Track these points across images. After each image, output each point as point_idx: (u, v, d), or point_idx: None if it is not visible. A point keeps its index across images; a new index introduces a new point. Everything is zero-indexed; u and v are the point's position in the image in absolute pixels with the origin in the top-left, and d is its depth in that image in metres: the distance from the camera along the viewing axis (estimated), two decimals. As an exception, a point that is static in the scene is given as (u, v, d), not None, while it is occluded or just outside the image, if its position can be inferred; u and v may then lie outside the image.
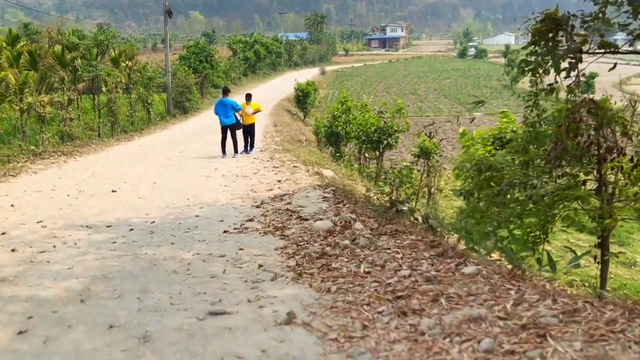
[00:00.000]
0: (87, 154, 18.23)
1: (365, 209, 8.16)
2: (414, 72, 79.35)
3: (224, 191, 11.09)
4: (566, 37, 7.65)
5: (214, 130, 24.45)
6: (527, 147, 7.78)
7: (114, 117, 24.16)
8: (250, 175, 12.86)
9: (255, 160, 15.48)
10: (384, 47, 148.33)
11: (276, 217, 8.29)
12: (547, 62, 7.70)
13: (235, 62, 55.71)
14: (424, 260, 5.25)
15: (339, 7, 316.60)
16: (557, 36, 7.65)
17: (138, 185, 12.07)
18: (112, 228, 8.08)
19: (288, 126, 26.88)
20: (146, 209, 9.40)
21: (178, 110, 32.34)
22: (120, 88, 25.77)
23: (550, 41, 7.73)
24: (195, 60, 41.58)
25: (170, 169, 14.52)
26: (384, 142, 15.15)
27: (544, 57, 7.71)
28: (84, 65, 23.46)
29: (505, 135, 11.71)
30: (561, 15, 7.64)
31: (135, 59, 29.33)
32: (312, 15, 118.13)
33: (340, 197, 8.98)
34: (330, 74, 74.61)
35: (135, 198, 10.53)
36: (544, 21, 7.76)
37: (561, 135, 7.47)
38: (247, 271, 5.73)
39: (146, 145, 20.57)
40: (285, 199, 9.53)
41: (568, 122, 7.50)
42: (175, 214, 8.96)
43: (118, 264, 6.14)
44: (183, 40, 77.92)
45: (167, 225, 8.20)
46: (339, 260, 5.69)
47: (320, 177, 11.29)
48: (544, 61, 7.72)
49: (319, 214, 8.00)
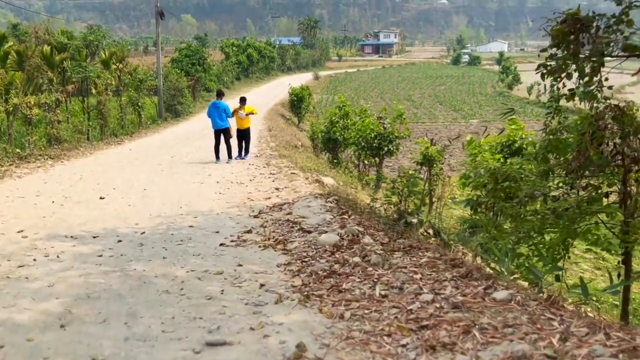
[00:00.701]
0: (75, 157, 17.60)
1: (372, 221, 7.61)
2: (408, 78, 79.04)
3: (218, 199, 10.50)
4: (589, 39, 7.12)
5: (207, 134, 23.85)
6: (547, 156, 7.26)
7: (104, 120, 23.52)
8: (246, 182, 12.29)
9: (251, 166, 14.90)
10: (377, 53, 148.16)
11: (276, 228, 7.72)
12: (569, 65, 7.17)
13: (228, 66, 55.13)
14: (447, 283, 4.70)
15: (332, 12, 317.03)
16: (580, 38, 7.12)
17: (128, 191, 11.47)
18: (99, 239, 7.48)
19: (283, 131, 26.32)
20: (136, 218, 8.81)
21: (170, 113, 31.72)
22: (110, 90, 25.13)
23: (572, 43, 7.19)
24: (187, 63, 40.93)
25: (161, 174, 13.92)
26: (384, 148, 14.62)
27: (566, 61, 7.18)
28: (73, 67, 22.81)
29: (515, 142, 11.23)
30: (585, 16, 7.10)
31: (126, 61, 28.69)
32: (305, 19, 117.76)
33: (345, 208, 8.43)
34: (323, 79, 74.17)
35: (124, 206, 9.93)
36: (565, 22, 7.22)
37: (585, 144, 6.93)
38: (248, 291, 5.15)
39: (137, 149, 19.96)
40: (285, 208, 8.97)
41: (592, 129, 6.97)
42: (167, 224, 8.37)
43: (104, 282, 5.55)
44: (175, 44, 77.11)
45: (159, 236, 7.61)
46: (350, 280, 5.13)
47: (321, 185, 10.74)
48: (565, 65, 7.18)
49: (322, 225, 7.43)
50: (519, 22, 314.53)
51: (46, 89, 21.29)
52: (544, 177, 7.28)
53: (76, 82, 23.50)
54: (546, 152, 7.36)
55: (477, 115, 45.49)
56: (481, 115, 45.29)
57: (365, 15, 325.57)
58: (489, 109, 49.20)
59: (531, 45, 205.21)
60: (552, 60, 7.24)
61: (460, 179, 10.85)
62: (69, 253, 6.74)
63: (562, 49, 7.19)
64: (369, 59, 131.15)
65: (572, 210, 6.68)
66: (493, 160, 10.64)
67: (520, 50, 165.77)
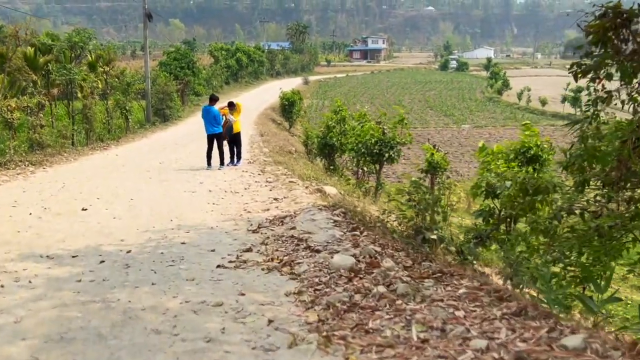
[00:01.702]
0: (58, 164, 16.65)
1: (388, 238, 6.79)
2: (397, 83, 78.52)
3: (212, 210, 9.64)
4: (632, 35, 6.34)
5: (197, 139, 23.01)
6: (583, 166, 6.49)
7: (89, 124, 22.52)
8: (240, 191, 11.43)
9: (245, 174, 14.05)
10: (366, 58, 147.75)
11: (279, 246, 6.88)
12: (608, 65, 6.38)
13: (217, 70, 54.22)
14: (499, 323, 3.88)
15: (320, 18, 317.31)
16: (622, 34, 6.33)
17: (113, 202, 10.57)
18: (79, 259, 6.60)
19: (275, 136, 25.48)
20: (121, 233, 7.92)
21: (158, 118, 30.77)
22: (96, 94, 24.17)
23: (612, 40, 6.39)
24: (176, 67, 40.04)
25: (149, 182, 13.03)
26: (385, 155, 13.85)
27: (605, 59, 6.39)
28: (57, 69, 21.84)
29: (530, 149, 10.48)
30: (628, 9, 6.31)
31: (113, 64, 27.73)
32: (294, 24, 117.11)
33: (354, 222, 7.60)
34: (313, 84, 73.46)
35: (108, 218, 9.04)
36: (604, 16, 6.42)
37: (627, 153, 6.15)
38: (254, 329, 4.31)
39: (123, 155, 19.02)
40: (286, 222, 8.12)
41: (635, 136, 6.20)
42: (156, 241, 7.49)
43: (82, 316, 4.68)
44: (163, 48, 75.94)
45: (147, 255, 6.73)
46: (376, 316, 4.30)
47: (323, 195, 9.90)
48: (604, 64, 6.39)
49: (332, 243, 6.59)
50: (504, 29, 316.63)
51: (31, 92, 20.34)
52: (579, 189, 6.53)
53: (61, 85, 22.53)
54: (582, 161, 6.58)
55: (468, 120, 44.95)
56: (472, 121, 44.76)
57: (353, 21, 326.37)
58: (480, 114, 48.69)
59: (516, 51, 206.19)
60: (588, 58, 6.46)
61: (471, 188, 10.09)
62: (43, 277, 5.86)
63: (601, 46, 6.42)
64: (358, 64, 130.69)
65: (617, 227, 5.92)
66: (506, 168, 9.89)
67: (507, 57, 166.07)
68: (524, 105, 51.94)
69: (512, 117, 46.60)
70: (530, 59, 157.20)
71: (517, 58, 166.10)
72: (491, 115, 47.30)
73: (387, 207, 8.78)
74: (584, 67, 6.54)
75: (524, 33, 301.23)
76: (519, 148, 10.55)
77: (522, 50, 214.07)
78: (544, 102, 50.33)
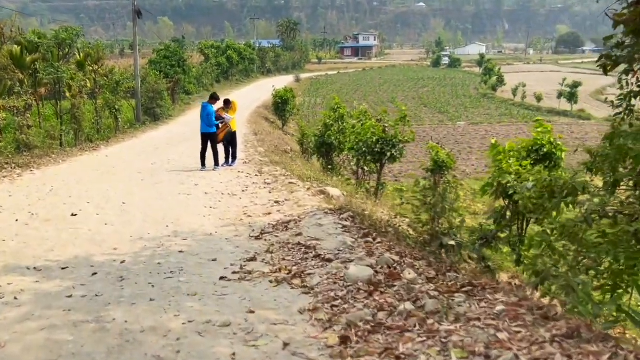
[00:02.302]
0: (46, 165, 16.05)
1: (403, 245, 6.30)
2: (389, 80, 78.04)
3: (210, 214, 9.13)
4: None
5: (189, 138, 22.45)
6: (615, 166, 6.03)
7: (78, 124, 21.88)
8: (238, 194, 10.92)
9: (241, 175, 13.53)
10: (357, 55, 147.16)
11: (286, 254, 6.38)
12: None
13: (208, 68, 53.49)
14: (551, 347, 3.40)
15: (310, 15, 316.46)
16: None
17: (104, 206, 10.03)
18: (69, 271, 6.08)
19: (269, 135, 24.94)
20: (114, 241, 7.40)
21: (148, 117, 30.11)
22: (85, 93, 23.52)
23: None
24: (166, 65, 39.34)
25: (142, 185, 12.48)
26: (387, 153, 13.34)
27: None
28: (44, 67, 21.18)
29: (543, 147, 10.01)
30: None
31: (102, 62, 27.05)
32: (284, 21, 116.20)
33: (364, 227, 7.11)
34: (304, 82, 72.86)
35: (100, 225, 8.50)
36: (638, 3, 5.94)
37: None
38: (268, 355, 3.81)
39: (114, 155, 18.42)
40: (291, 227, 7.62)
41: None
42: (151, 249, 6.98)
43: (73, 340, 4.17)
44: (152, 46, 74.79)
45: (143, 266, 6.22)
46: (407, 338, 3.81)
47: (327, 197, 9.40)
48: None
49: (343, 252, 6.10)
50: (495, 25, 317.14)
51: (17, 91, 19.70)
52: (610, 190, 6.07)
53: (49, 85, 21.88)
54: (612, 160, 6.12)
55: (463, 117, 44.54)
56: (467, 117, 44.36)
57: (344, 18, 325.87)
58: (475, 111, 48.31)
59: (508, 47, 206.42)
60: (620, 48, 6.00)
61: (482, 187, 9.63)
62: (31, 292, 5.34)
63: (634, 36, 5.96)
64: (349, 61, 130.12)
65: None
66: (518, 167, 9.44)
67: (499, 53, 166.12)
68: (519, 102, 51.59)
69: (508, 113, 46.23)
70: (522, 55, 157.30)
71: (509, 54, 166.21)
72: (486, 112, 46.91)
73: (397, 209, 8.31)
74: (615, 59, 6.08)
75: (516, 29, 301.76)
76: (531, 145, 10.08)
77: (513, 46, 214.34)
78: (539, 98, 49.99)
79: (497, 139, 10.93)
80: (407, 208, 7.10)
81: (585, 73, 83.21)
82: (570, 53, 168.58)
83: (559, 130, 37.20)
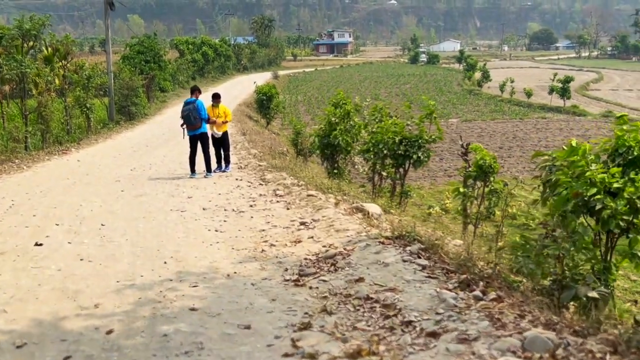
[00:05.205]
0: (8, 173, 13.72)
1: (533, 304, 4.24)
2: (369, 77, 76.07)
3: (217, 242, 7.00)
4: None
5: (170, 139, 20.19)
6: None
7: (46, 124, 19.42)
8: (246, 210, 8.79)
9: (241, 183, 11.39)
10: (332, 52, 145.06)
11: (355, 318, 4.30)
12: None
13: (184, 64, 50.91)
14: None
15: (282, 13, 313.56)
16: None
17: (78, 230, 7.82)
18: (27, 354, 3.93)
19: (259, 135, 22.72)
20: (95, 291, 5.24)
21: (123, 116, 27.66)
22: (53, 90, 21.08)
23: None
24: (140, 60, 36.84)
25: (123, 198, 10.26)
26: (412, 156, 11.32)
27: None
28: (6, 61, 18.71)
29: (631, 148, 8.07)
30: None
31: (71, 56, 24.56)
32: (259, 18, 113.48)
33: (452, 267, 5.04)
34: (283, 79, 70.58)
35: (74, 260, 6.31)
36: None
37: None
38: None
39: (87, 160, 16.06)
40: (340, 265, 5.53)
41: None
42: (149, 305, 4.84)
43: None
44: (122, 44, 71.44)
45: (140, 340, 4.10)
46: None
47: (366, 216, 7.31)
48: None
49: (447, 316, 4.04)
50: (467, 22, 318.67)
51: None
52: None
53: (13, 81, 19.42)
54: None
55: (453, 114, 42.77)
56: (457, 114, 42.62)
57: (316, 15, 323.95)
58: (463, 108, 46.64)
59: (482, 44, 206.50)
60: None
61: (555, 202, 7.65)
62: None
63: None
64: (325, 58, 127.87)
65: None
66: (604, 174, 7.48)
67: (473, 49, 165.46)
68: (507, 98, 50.00)
69: (499, 109, 44.55)
70: (498, 52, 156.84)
71: (484, 50, 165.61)
72: (475, 109, 45.19)
73: (433, 225, 6.26)
74: None
75: (487, 26, 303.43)
76: (615, 147, 8.14)
77: (487, 42, 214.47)
78: (529, 93, 48.40)
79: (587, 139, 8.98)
80: (518, 243, 5.08)
81: (564, 69, 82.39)
82: (544, 49, 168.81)
83: (558, 127, 35.66)
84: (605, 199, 6.45)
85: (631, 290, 10.78)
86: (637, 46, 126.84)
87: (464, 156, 11.90)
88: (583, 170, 7.50)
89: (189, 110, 12.64)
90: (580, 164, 7.70)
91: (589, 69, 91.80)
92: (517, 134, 33.15)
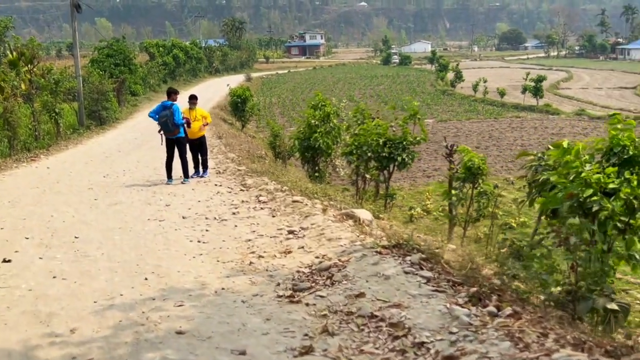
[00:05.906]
0: (-27, 183, 13.04)
1: (552, 319, 3.91)
2: (342, 79, 75.91)
3: (200, 254, 6.56)
4: None
5: (143, 144, 19.60)
6: None
7: (12, 130, 18.67)
8: (229, 218, 8.34)
9: (221, 189, 10.93)
10: (304, 54, 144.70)
11: (360, 339, 3.92)
12: None
13: (154, 67, 50.02)
14: None
15: (253, 15, 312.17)
16: None
17: (49, 243, 7.30)
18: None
19: (235, 138, 22.22)
20: (70, 314, 4.77)
21: (93, 121, 26.87)
22: (19, 95, 20.33)
23: None
24: (110, 64, 36.00)
25: (97, 208, 9.72)
26: (397, 158, 11.00)
27: None
28: (-32, 66, 18.00)
29: (626, 148, 7.84)
30: None
31: (37, 60, 23.77)
32: (229, 20, 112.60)
33: (458, 278, 4.69)
34: (256, 81, 69.92)
35: (46, 278, 5.82)
36: None
37: None
38: None
39: (57, 167, 15.39)
40: (337, 278, 5.14)
41: None
42: (131, 329, 4.39)
43: None
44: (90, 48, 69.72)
45: (125, 373, 3.66)
46: None
47: (358, 223, 6.93)
48: None
49: (461, 337, 3.69)
50: (437, 24, 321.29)
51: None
52: None
53: (-25, 86, 18.68)
54: None
55: (428, 114, 42.69)
56: (432, 114, 42.57)
57: (287, 17, 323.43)
58: (438, 108, 46.68)
59: (452, 45, 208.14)
60: None
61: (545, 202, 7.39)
62: None
63: None
64: (297, 60, 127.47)
65: None
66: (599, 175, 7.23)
67: (444, 50, 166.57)
68: (480, 97, 50.21)
69: (473, 109, 44.67)
70: (468, 52, 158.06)
71: (454, 51, 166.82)
72: (450, 109, 45.25)
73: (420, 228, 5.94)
74: None
75: (457, 27, 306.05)
76: (609, 147, 7.91)
77: (457, 43, 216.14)
78: (503, 93, 48.65)
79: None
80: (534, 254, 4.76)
81: (534, 68, 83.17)
82: (513, 49, 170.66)
83: (532, 125, 35.79)
84: (602, 200, 6.21)
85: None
86: (604, 45, 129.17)
87: (449, 157, 11.63)
88: (578, 171, 7.23)
89: (166, 116, 12.14)
90: (574, 164, 7.42)
91: (559, 68, 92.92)
92: (492, 134, 33.18)
